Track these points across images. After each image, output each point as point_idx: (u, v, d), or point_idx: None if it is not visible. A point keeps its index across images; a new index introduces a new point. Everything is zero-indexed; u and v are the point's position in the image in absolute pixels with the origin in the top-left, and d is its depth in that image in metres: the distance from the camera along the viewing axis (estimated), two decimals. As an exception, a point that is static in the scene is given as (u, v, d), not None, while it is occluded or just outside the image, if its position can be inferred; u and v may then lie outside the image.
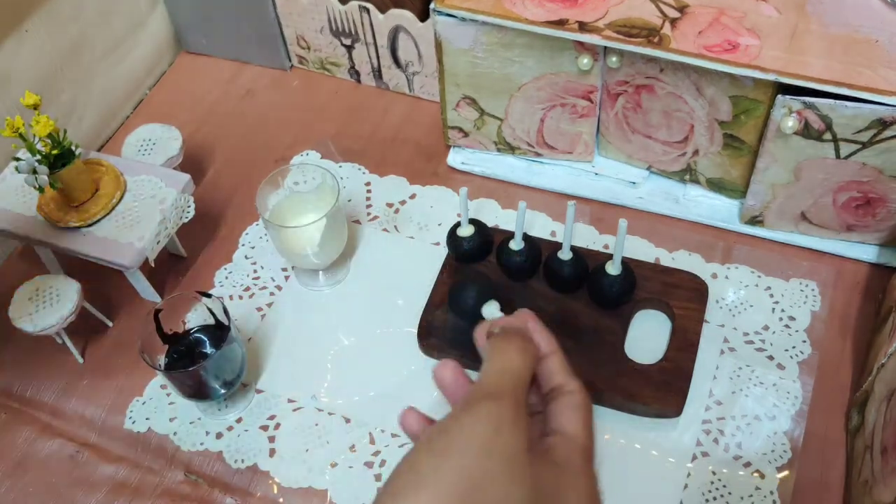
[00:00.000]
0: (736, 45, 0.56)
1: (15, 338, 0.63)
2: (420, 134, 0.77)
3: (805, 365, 0.59)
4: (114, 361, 0.64)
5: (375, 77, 0.80)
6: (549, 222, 0.69)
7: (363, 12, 0.74)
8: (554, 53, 0.62)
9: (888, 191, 0.59)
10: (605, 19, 0.59)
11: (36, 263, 0.68)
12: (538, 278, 0.62)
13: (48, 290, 0.61)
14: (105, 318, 0.66)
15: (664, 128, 0.64)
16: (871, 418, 0.52)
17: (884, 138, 0.55)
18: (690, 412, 0.57)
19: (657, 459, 0.55)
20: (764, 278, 0.64)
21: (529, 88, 0.65)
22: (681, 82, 0.60)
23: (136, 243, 0.61)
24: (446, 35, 0.63)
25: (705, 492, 0.54)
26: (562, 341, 0.58)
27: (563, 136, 0.68)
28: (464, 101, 0.68)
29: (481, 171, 0.72)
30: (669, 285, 0.61)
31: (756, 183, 0.62)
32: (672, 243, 0.66)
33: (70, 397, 0.63)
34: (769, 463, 0.55)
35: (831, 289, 0.63)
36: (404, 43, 0.74)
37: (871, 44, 0.55)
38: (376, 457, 0.57)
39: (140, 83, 0.84)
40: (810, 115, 0.55)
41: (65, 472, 0.59)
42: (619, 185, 0.69)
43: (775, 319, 0.61)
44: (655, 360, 0.58)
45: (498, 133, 0.70)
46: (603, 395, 0.56)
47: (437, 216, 0.70)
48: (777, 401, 0.57)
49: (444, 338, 0.60)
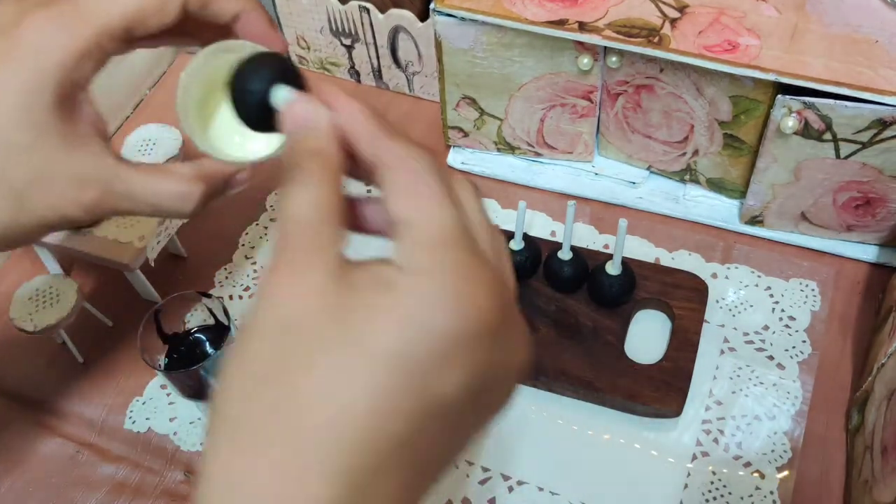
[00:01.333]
0: (736, 45, 0.56)
1: (15, 338, 0.63)
2: (420, 134, 0.76)
3: (805, 365, 0.59)
4: (114, 361, 0.64)
5: (375, 77, 0.80)
6: (549, 222, 0.69)
7: (363, 12, 0.74)
8: (554, 53, 0.62)
9: (888, 191, 0.59)
10: (605, 19, 0.59)
11: (36, 263, 0.68)
12: (538, 278, 0.62)
13: (48, 290, 0.61)
14: (105, 318, 0.66)
15: (664, 128, 0.64)
16: (871, 418, 0.52)
17: (884, 138, 0.55)
18: (690, 412, 0.57)
19: (657, 459, 0.55)
20: (764, 278, 0.64)
21: (529, 88, 0.65)
22: (681, 82, 0.60)
23: (136, 243, 0.61)
24: (446, 35, 0.63)
25: (705, 492, 0.54)
26: (562, 341, 0.59)
27: (563, 136, 0.68)
28: (464, 101, 0.68)
29: (481, 171, 0.72)
30: (669, 285, 0.61)
31: (756, 183, 0.62)
32: (672, 243, 0.66)
33: (70, 397, 0.63)
34: (769, 463, 0.55)
35: (831, 289, 0.63)
36: (404, 43, 0.74)
37: (871, 44, 0.55)
38: (376, 457, 0.57)
39: (140, 83, 0.84)
40: (810, 115, 0.55)
41: (65, 472, 0.59)
42: (619, 185, 0.69)
43: (775, 319, 0.61)
44: (655, 360, 0.58)
45: (498, 133, 0.70)
46: (603, 395, 0.56)
47: (437, 216, 0.70)
48: (777, 401, 0.57)
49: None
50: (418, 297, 0.26)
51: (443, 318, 0.26)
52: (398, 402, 0.25)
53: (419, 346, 0.25)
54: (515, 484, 0.55)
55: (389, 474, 0.25)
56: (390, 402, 0.25)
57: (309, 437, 0.25)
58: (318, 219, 0.28)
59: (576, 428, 0.57)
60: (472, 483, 0.55)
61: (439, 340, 0.26)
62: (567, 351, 0.58)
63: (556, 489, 0.55)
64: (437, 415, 0.26)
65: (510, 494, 0.55)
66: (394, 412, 0.25)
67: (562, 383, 0.57)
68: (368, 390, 0.25)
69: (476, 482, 0.55)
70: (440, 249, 0.27)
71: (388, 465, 0.25)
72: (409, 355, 0.25)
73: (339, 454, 0.24)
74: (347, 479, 0.24)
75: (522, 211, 0.59)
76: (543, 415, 0.58)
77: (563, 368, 0.57)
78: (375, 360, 0.25)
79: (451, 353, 0.26)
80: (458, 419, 0.27)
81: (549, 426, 0.57)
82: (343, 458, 0.24)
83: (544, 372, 0.57)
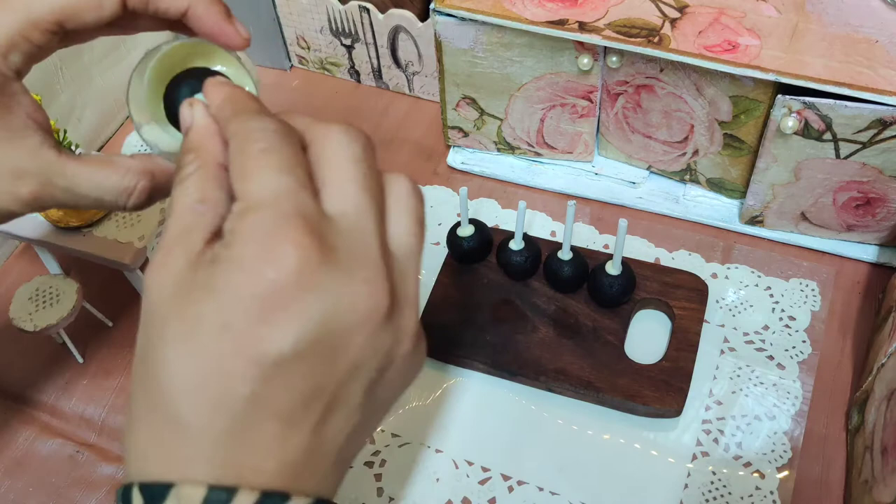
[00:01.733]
0: (736, 45, 0.56)
1: (15, 338, 0.63)
2: (420, 134, 0.77)
3: (805, 365, 0.59)
4: (114, 361, 0.64)
5: (375, 77, 0.80)
6: (549, 222, 0.69)
7: (363, 12, 0.74)
8: (554, 53, 0.62)
9: (888, 191, 0.59)
10: (605, 19, 0.59)
11: (36, 263, 0.68)
12: (538, 278, 0.62)
13: (48, 290, 0.61)
14: (105, 318, 0.66)
15: (664, 128, 0.64)
16: (871, 418, 0.52)
17: (884, 138, 0.55)
18: (690, 412, 0.57)
19: (657, 459, 0.55)
20: (764, 278, 0.64)
21: (529, 88, 0.65)
22: (681, 82, 0.60)
23: (136, 243, 0.61)
24: (446, 35, 0.63)
25: (705, 492, 0.54)
26: (562, 341, 0.59)
27: (563, 136, 0.68)
28: (464, 101, 0.68)
29: (481, 170, 0.72)
30: (669, 285, 0.61)
31: (756, 183, 0.62)
32: (672, 243, 0.66)
33: (70, 397, 0.63)
34: (769, 463, 0.55)
35: (831, 289, 0.63)
36: (404, 43, 0.74)
37: (871, 44, 0.55)
38: (376, 457, 0.57)
39: (140, 83, 0.84)
40: (810, 115, 0.55)
41: (65, 472, 0.59)
42: (619, 185, 0.69)
43: (775, 319, 0.61)
44: (655, 360, 0.58)
45: (498, 133, 0.70)
46: (603, 395, 0.56)
47: (437, 216, 0.70)
48: (777, 401, 0.57)
49: (445, 337, 0.60)
50: (225, 267, 0.28)
51: (246, 282, 0.28)
52: (231, 365, 0.27)
53: (234, 314, 0.28)
54: (515, 484, 0.55)
55: (252, 429, 0.28)
56: (224, 366, 0.27)
57: (169, 404, 0.28)
58: (187, 207, 0.30)
59: (576, 428, 0.57)
60: (472, 483, 0.55)
61: (248, 302, 0.28)
62: (567, 351, 0.58)
63: (556, 489, 0.55)
64: (278, 366, 0.28)
65: (510, 494, 0.55)
66: (229, 375, 0.28)
67: (562, 383, 0.57)
68: (203, 360, 0.28)
69: (476, 482, 0.55)
70: (249, 215, 0.29)
71: (246, 421, 0.28)
72: (226, 324, 0.28)
73: (197, 415, 0.28)
74: (211, 434, 0.28)
75: (522, 211, 0.59)
76: (543, 415, 0.58)
77: (563, 368, 0.57)
78: (202, 331, 0.28)
79: (264, 313, 0.27)
80: (308, 368, 0.28)
81: (549, 426, 0.57)
82: (203, 418, 0.28)
83: (544, 372, 0.57)
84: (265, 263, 0.28)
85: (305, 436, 0.29)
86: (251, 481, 0.28)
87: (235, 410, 0.28)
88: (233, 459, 0.28)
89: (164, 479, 0.28)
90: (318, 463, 0.30)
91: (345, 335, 0.29)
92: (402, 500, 0.55)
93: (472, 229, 0.62)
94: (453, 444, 0.57)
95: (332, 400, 0.29)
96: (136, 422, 0.29)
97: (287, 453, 0.29)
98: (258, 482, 0.28)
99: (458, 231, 0.63)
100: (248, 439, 0.28)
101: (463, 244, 0.62)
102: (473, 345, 0.59)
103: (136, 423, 0.29)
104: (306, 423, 0.29)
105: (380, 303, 0.29)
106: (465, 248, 0.63)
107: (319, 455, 0.30)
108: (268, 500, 0.28)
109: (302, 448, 0.29)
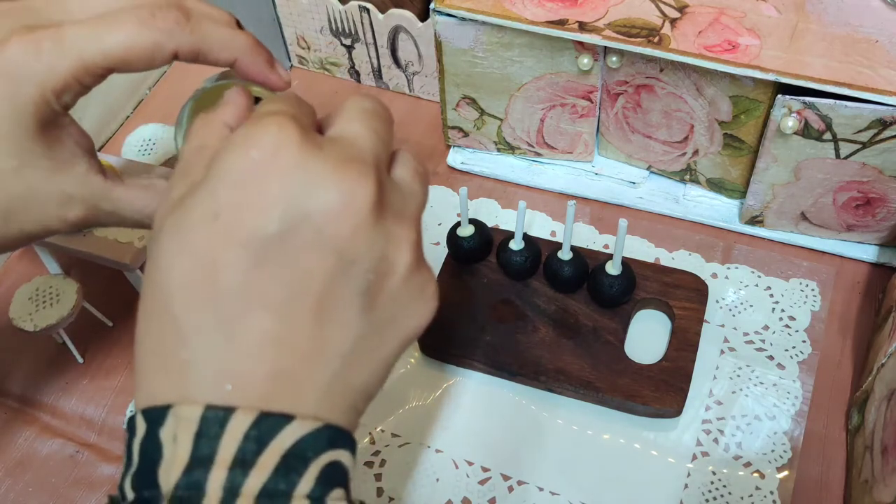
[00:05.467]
0: (736, 45, 0.56)
1: (15, 338, 0.63)
2: (420, 134, 0.77)
3: (805, 365, 0.59)
4: (114, 361, 0.64)
5: (375, 77, 0.80)
6: (549, 222, 0.69)
7: (363, 12, 0.74)
8: (554, 53, 0.62)
9: (888, 191, 0.59)
10: (605, 19, 0.59)
11: (36, 263, 0.68)
12: (538, 278, 0.62)
13: (48, 290, 0.61)
14: (105, 318, 0.66)
15: (664, 128, 0.64)
16: (871, 418, 0.52)
17: (884, 138, 0.55)
18: (690, 412, 0.57)
19: (657, 459, 0.55)
20: (764, 278, 0.64)
21: (529, 88, 0.65)
22: (681, 82, 0.60)
23: (136, 243, 0.61)
24: (446, 35, 0.63)
25: (705, 492, 0.54)
26: (562, 341, 0.59)
27: (563, 136, 0.69)
28: (464, 101, 0.68)
29: (481, 170, 0.72)
30: (669, 285, 0.61)
31: (756, 183, 0.62)
32: (672, 243, 0.66)
33: (70, 397, 0.63)
34: (769, 463, 0.55)
35: (831, 289, 0.63)
36: (404, 43, 0.74)
37: (871, 44, 0.55)
38: (376, 457, 0.57)
39: (140, 83, 0.84)
40: (810, 115, 0.55)
41: (65, 472, 0.59)
42: (619, 185, 0.69)
43: (775, 319, 0.61)
44: (655, 360, 0.58)
45: (498, 133, 0.70)
46: (603, 395, 0.56)
47: (437, 216, 0.70)
48: (777, 401, 0.57)
49: (445, 337, 0.60)
50: (217, 156, 0.30)
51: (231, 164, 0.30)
52: (220, 254, 0.28)
53: (222, 200, 0.29)
54: (515, 484, 0.55)
55: (242, 321, 0.28)
56: (214, 255, 0.28)
57: (166, 306, 0.29)
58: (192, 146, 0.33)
59: (576, 428, 0.57)
60: (472, 483, 0.55)
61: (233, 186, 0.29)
62: (567, 351, 0.59)
63: (556, 489, 0.55)
64: (265, 249, 0.28)
65: (510, 494, 0.55)
66: (218, 264, 0.28)
67: (562, 383, 0.57)
68: (194, 251, 0.29)
69: (476, 482, 0.55)
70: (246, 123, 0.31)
71: (235, 312, 0.28)
72: (215, 213, 0.29)
73: (190, 311, 0.28)
74: (204, 335, 0.28)
75: (522, 211, 0.59)
76: (543, 415, 0.58)
77: (563, 368, 0.57)
78: (193, 221, 0.29)
79: (249, 195, 0.29)
80: (294, 252, 0.29)
81: (548, 426, 0.57)
82: (196, 314, 0.28)
83: (544, 372, 0.57)
84: (250, 145, 0.29)
85: (299, 335, 0.29)
86: (247, 395, 0.28)
87: (225, 302, 0.28)
88: (226, 365, 0.28)
89: (164, 402, 0.28)
90: (317, 375, 0.29)
91: (329, 218, 0.29)
92: (402, 500, 0.55)
93: (472, 229, 0.62)
94: (453, 444, 0.57)
95: (325, 294, 0.29)
96: (140, 346, 0.30)
97: (281, 356, 0.28)
98: (254, 394, 0.28)
99: (458, 231, 0.63)
100: (239, 335, 0.28)
101: (463, 244, 0.62)
102: (473, 345, 0.59)
103: (140, 347, 0.30)
104: (298, 318, 0.29)
105: (364, 191, 0.29)
106: (465, 248, 0.63)
107: (319, 364, 0.29)
108: (267, 420, 0.27)
109: (299, 353, 0.29)
